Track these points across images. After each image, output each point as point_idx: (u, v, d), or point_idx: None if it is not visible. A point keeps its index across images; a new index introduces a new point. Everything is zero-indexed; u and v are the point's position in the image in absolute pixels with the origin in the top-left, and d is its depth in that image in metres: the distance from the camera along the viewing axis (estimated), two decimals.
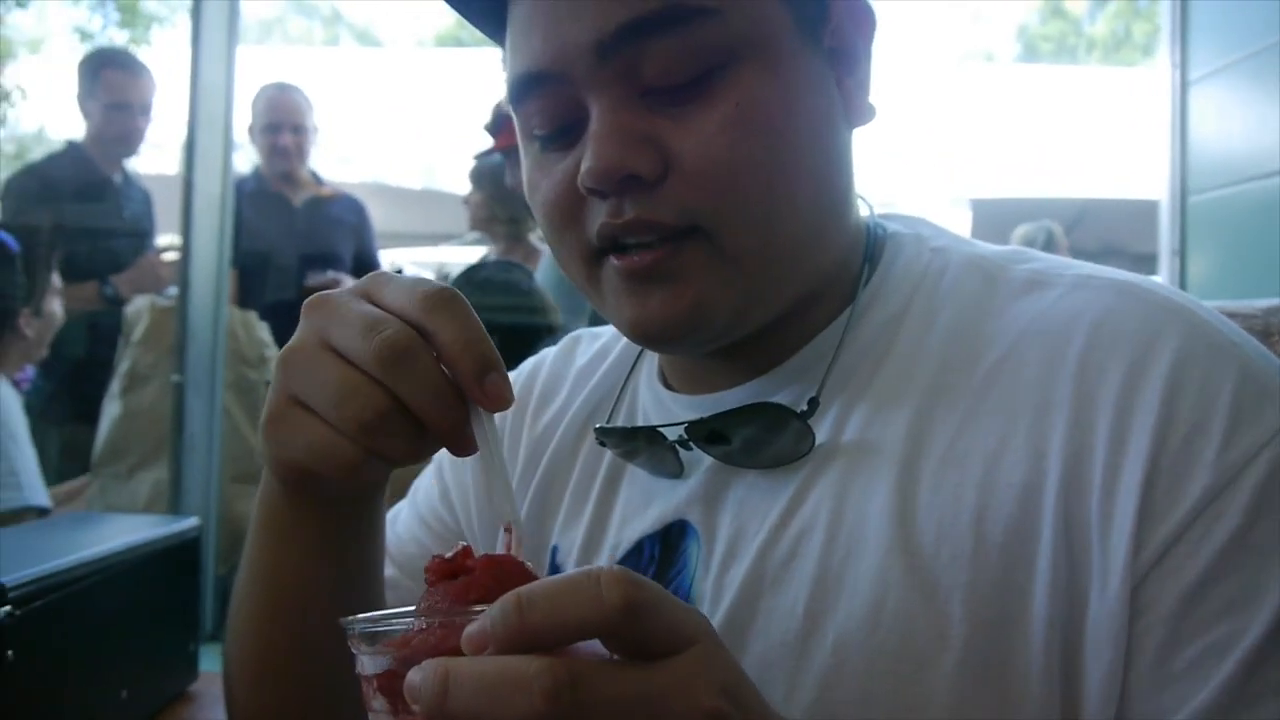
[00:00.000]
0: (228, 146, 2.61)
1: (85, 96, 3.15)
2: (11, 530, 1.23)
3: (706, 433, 0.65)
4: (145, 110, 3.17)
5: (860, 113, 0.66)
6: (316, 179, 3.43)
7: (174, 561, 1.15)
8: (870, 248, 0.69)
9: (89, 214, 3.10)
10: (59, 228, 2.80)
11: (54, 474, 2.50)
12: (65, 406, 2.87)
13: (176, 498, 2.29)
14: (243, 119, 3.22)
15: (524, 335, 2.36)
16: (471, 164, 3.22)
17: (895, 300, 0.66)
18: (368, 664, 0.44)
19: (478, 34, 0.71)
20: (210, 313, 2.42)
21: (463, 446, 0.51)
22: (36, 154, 4.65)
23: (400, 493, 0.88)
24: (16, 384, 2.37)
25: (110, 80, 3.13)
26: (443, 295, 0.51)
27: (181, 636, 1.18)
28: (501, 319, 2.38)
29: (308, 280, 3.07)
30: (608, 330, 0.85)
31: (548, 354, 0.87)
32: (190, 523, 1.20)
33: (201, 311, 2.39)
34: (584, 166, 0.59)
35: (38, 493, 2.11)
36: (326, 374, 0.51)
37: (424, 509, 0.85)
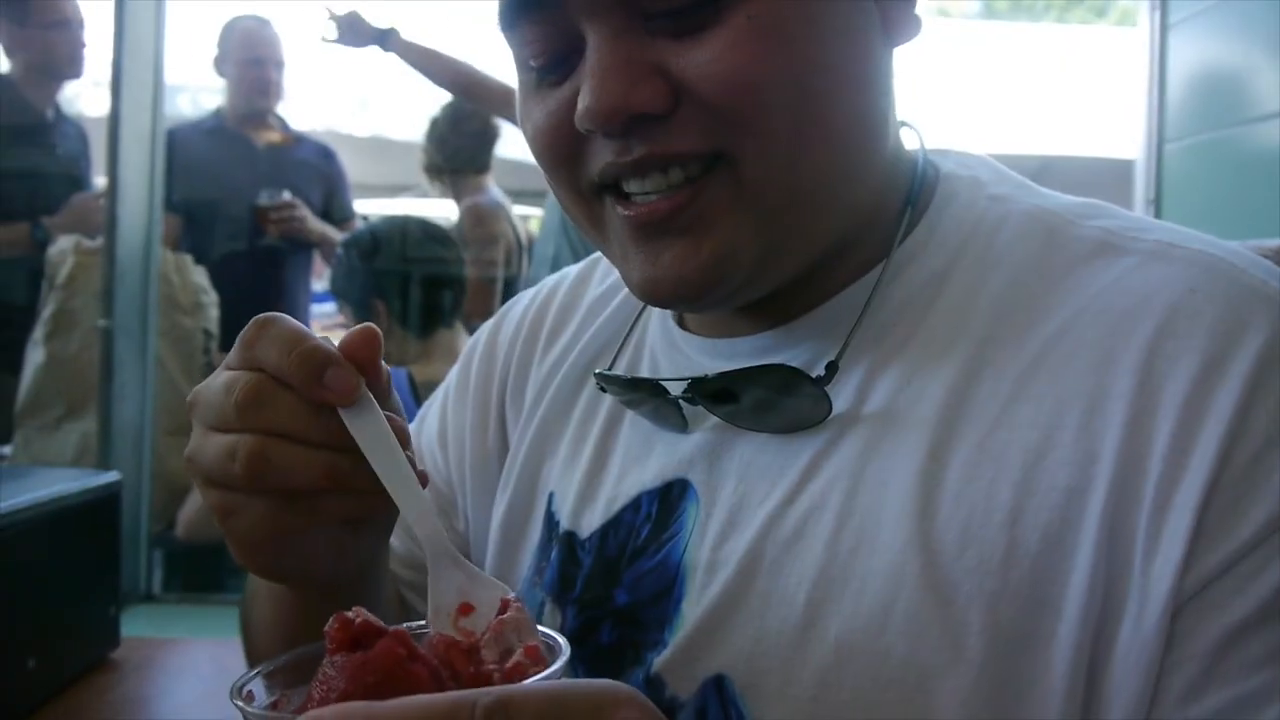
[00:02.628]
0: (158, 77, 2.45)
1: (3, 20, 2.93)
2: None
3: (713, 390, 0.59)
4: (72, 29, 2.96)
5: (902, 27, 0.58)
6: (283, 124, 3.25)
7: (91, 519, 1.07)
8: (916, 188, 0.61)
9: (18, 151, 2.92)
10: None
11: None
12: None
13: (105, 451, 2.17)
14: (180, 48, 3.04)
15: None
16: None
17: (941, 255, 0.58)
18: None
19: None
20: (140, 255, 2.29)
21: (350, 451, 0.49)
22: None
23: None
24: None
25: None
26: (256, 325, 0.50)
27: (101, 600, 1.09)
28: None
29: (260, 199, 2.93)
30: None
31: (568, 274, 0.81)
32: (109, 477, 1.11)
33: (131, 253, 2.26)
34: (581, 105, 0.53)
35: None
36: (210, 451, 0.50)
37: (423, 449, 0.81)
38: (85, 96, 3.82)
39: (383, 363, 0.52)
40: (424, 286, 2.34)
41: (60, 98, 3.03)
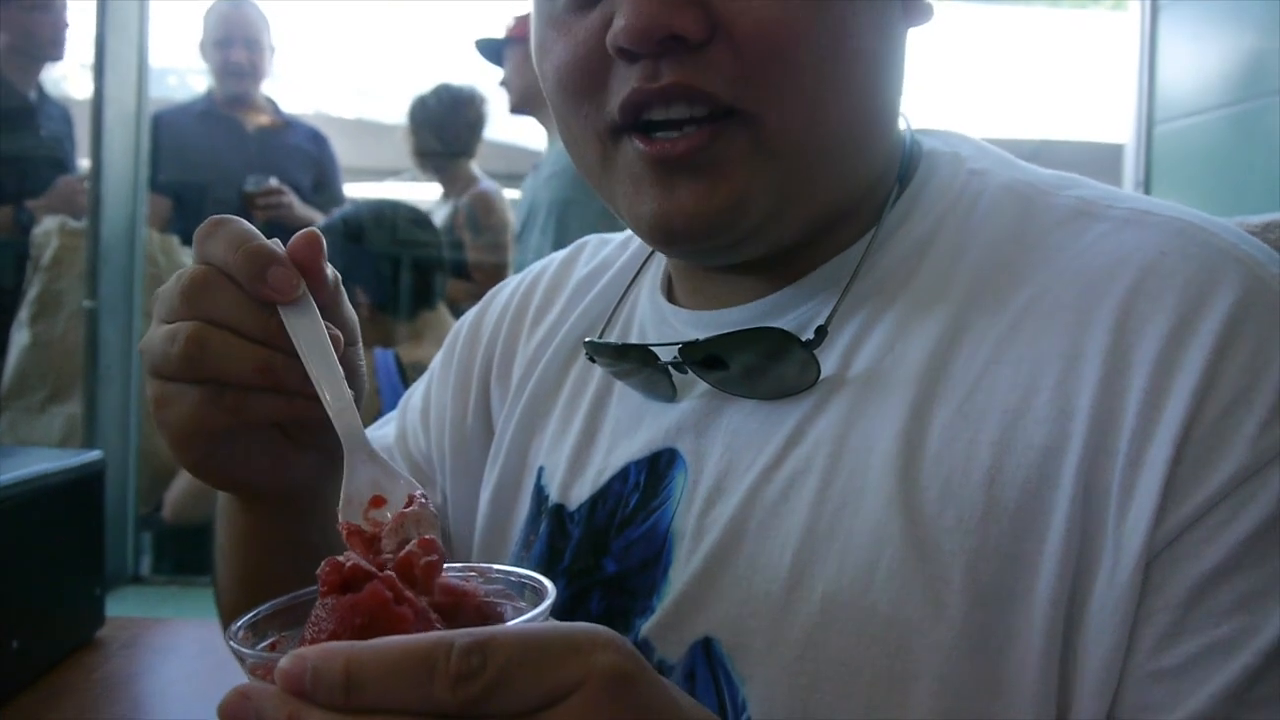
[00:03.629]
0: (143, 57, 2.43)
1: None
2: None
3: (703, 356, 0.59)
4: (53, 11, 2.93)
5: (918, 11, 0.60)
6: (274, 107, 3.21)
7: (74, 498, 1.06)
8: (905, 166, 0.63)
9: (1, 133, 2.89)
10: None
11: None
12: None
13: (91, 432, 2.16)
14: (168, 30, 3.02)
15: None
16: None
17: (923, 224, 0.59)
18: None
19: None
20: (125, 234, 2.27)
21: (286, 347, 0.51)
22: None
23: None
24: None
25: None
26: (210, 224, 0.52)
27: (85, 580, 1.08)
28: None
29: (246, 185, 2.91)
30: (616, 237, 0.79)
31: (554, 258, 0.82)
32: (92, 456, 1.10)
33: (115, 234, 2.24)
34: (618, 23, 0.53)
35: None
36: (156, 336, 0.52)
37: (407, 424, 0.82)
38: (72, 79, 3.77)
39: (329, 268, 0.54)
40: (405, 269, 2.34)
41: (43, 80, 3.00)
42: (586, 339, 0.68)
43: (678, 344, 0.60)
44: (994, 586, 0.49)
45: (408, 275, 2.34)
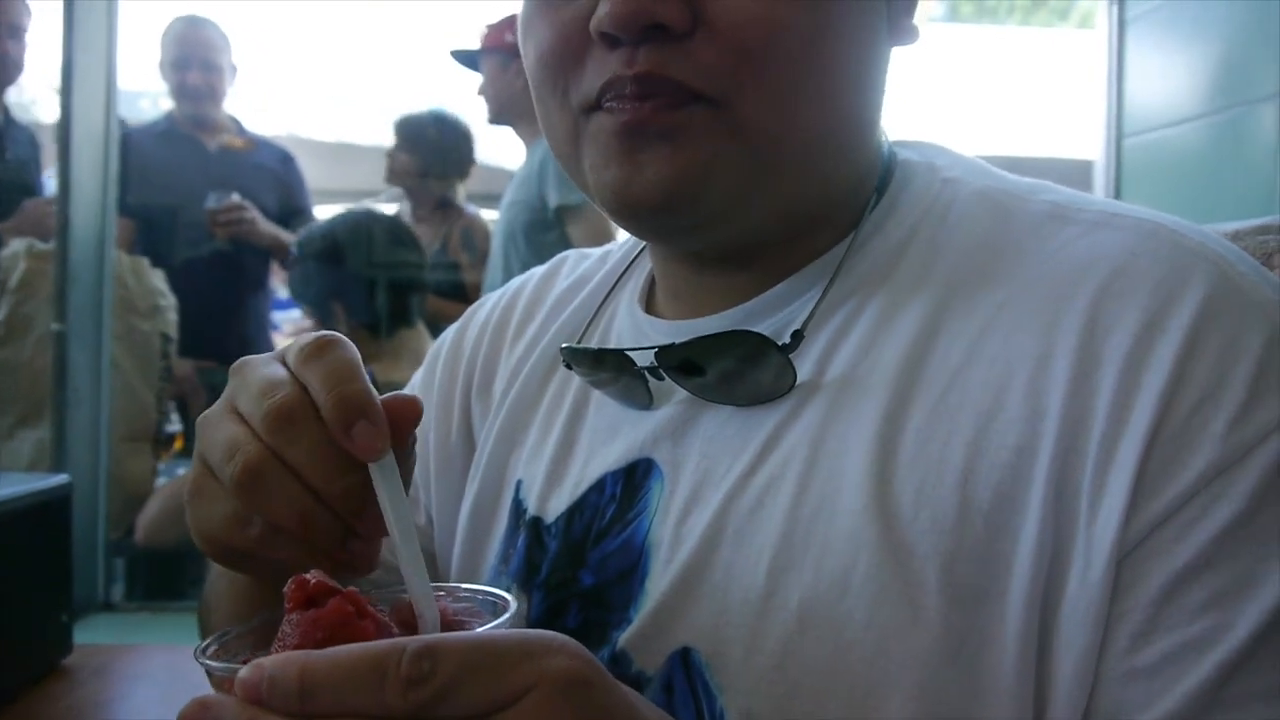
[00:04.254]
0: (110, 75, 2.41)
1: None
2: None
3: (680, 361, 0.59)
4: (16, 33, 2.89)
5: (904, 31, 0.62)
6: (238, 126, 3.18)
7: (40, 523, 1.03)
8: (883, 176, 0.63)
9: None
10: None
11: None
12: None
13: (60, 456, 2.12)
14: (140, 52, 2.99)
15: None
16: (396, 116, 3.13)
17: (899, 230, 0.60)
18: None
19: None
20: (94, 256, 2.24)
21: (362, 513, 0.47)
22: None
23: None
24: None
25: None
26: (314, 344, 0.49)
27: (51, 606, 1.06)
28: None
29: (208, 202, 2.87)
30: (595, 252, 0.79)
31: (534, 273, 0.82)
32: (59, 480, 1.07)
33: (84, 254, 2.21)
34: (603, 9, 0.54)
35: None
36: (221, 433, 0.49)
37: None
38: (41, 102, 3.74)
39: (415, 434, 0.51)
40: (384, 286, 2.32)
41: (8, 103, 2.97)
42: (564, 345, 0.68)
43: (654, 348, 0.60)
44: (970, 588, 0.49)
45: (385, 292, 2.32)
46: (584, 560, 0.62)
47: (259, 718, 0.35)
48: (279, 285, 3.45)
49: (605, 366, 0.64)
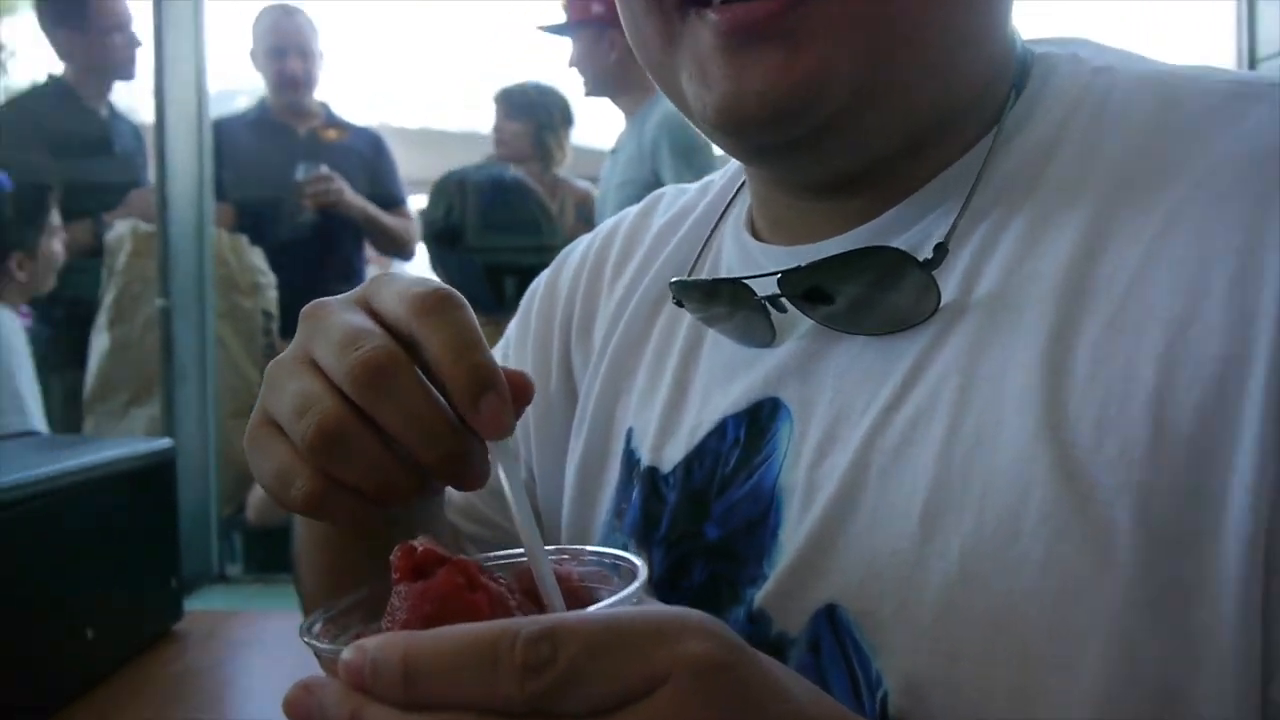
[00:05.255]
0: (199, 63, 2.46)
1: (59, 25, 2.96)
2: None
3: (805, 288, 0.53)
4: (123, 31, 2.99)
5: None
6: (327, 112, 3.22)
7: (146, 487, 1.03)
8: (1019, 73, 0.56)
9: (79, 150, 2.96)
10: (51, 164, 2.68)
11: (58, 424, 2.40)
12: (63, 350, 2.76)
13: (169, 429, 2.18)
14: (221, 33, 3.04)
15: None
16: (495, 91, 3.12)
17: (1045, 127, 0.52)
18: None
19: None
20: (194, 234, 2.29)
21: (463, 478, 0.42)
22: None
23: None
24: None
25: (93, 2, 2.94)
26: (434, 297, 0.42)
27: (161, 572, 1.06)
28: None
29: (297, 174, 2.90)
30: (693, 186, 0.74)
31: (628, 212, 0.76)
32: (162, 444, 1.07)
33: (184, 234, 2.26)
34: None
35: (40, 419, 2.12)
36: (294, 385, 0.43)
37: None
38: (140, 103, 3.86)
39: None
40: (509, 253, 2.19)
41: (113, 98, 3.07)
42: (673, 279, 0.62)
43: (777, 274, 0.53)
44: (1171, 527, 0.41)
45: (512, 261, 2.15)
46: (708, 512, 0.56)
47: (364, 707, 0.31)
48: (370, 267, 3.49)
49: (720, 299, 0.58)
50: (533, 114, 3.09)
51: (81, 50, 2.94)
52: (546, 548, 0.41)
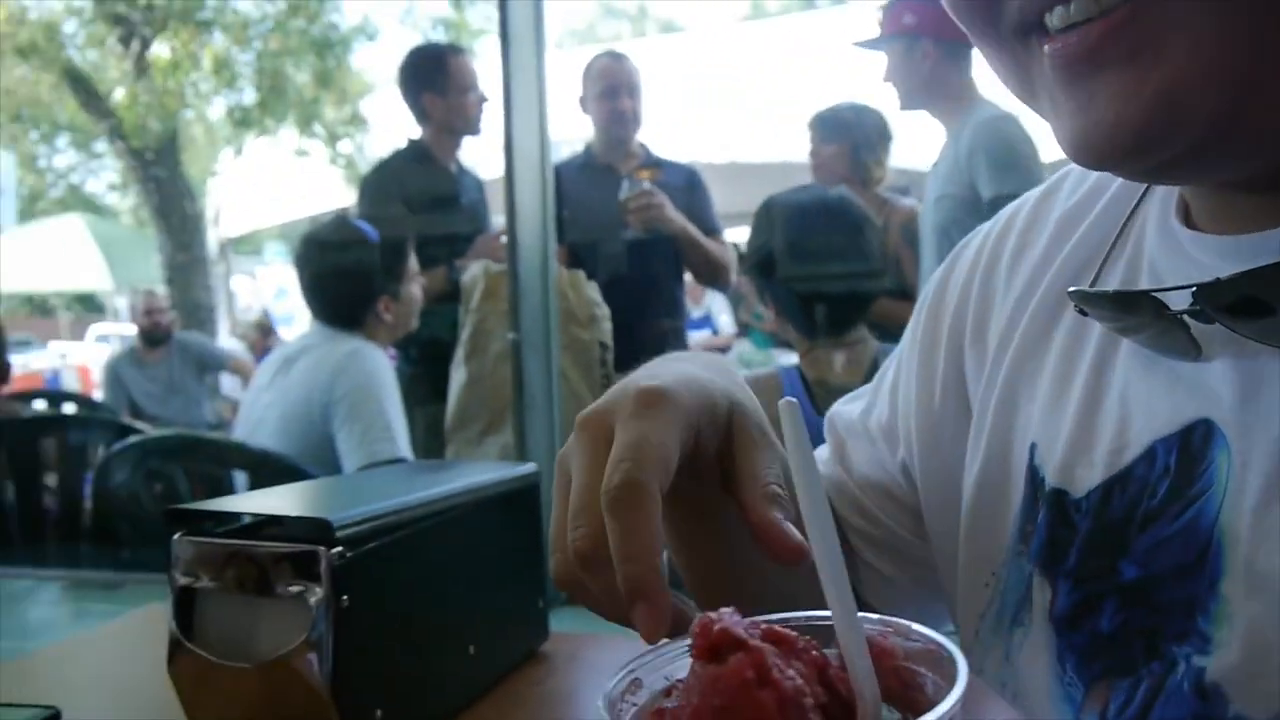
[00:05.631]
0: (542, 113, 2.64)
1: (423, 91, 3.29)
2: (343, 476, 1.20)
3: (1233, 300, 0.44)
4: (476, 85, 3.30)
5: None
6: (646, 152, 3.40)
7: (513, 510, 1.07)
8: None
9: (432, 204, 3.29)
10: (410, 215, 3.00)
11: (421, 452, 2.64)
12: (425, 387, 3.05)
13: (523, 457, 2.32)
14: (565, 104, 3.27)
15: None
16: (810, 117, 3.12)
17: None
18: None
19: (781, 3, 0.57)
20: (539, 271, 2.45)
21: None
22: None
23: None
24: None
25: (452, 67, 3.27)
26: (618, 494, 0.49)
27: (529, 592, 1.09)
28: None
29: (621, 193, 2.98)
30: None
31: (1029, 195, 0.71)
32: (528, 468, 1.11)
33: (531, 269, 2.43)
34: None
35: (407, 448, 2.33)
36: (558, 505, 0.57)
37: (877, 397, 0.77)
38: (481, 158, 4.24)
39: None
40: (839, 276, 2.10)
41: (459, 154, 3.39)
42: (1071, 289, 0.54)
43: (1191, 287, 0.45)
44: None
45: (841, 283, 2.05)
46: (1126, 548, 0.49)
47: None
48: (691, 306, 3.59)
49: (1128, 309, 0.50)
50: (849, 134, 3.03)
51: (440, 112, 3.27)
52: (869, 616, 0.39)
